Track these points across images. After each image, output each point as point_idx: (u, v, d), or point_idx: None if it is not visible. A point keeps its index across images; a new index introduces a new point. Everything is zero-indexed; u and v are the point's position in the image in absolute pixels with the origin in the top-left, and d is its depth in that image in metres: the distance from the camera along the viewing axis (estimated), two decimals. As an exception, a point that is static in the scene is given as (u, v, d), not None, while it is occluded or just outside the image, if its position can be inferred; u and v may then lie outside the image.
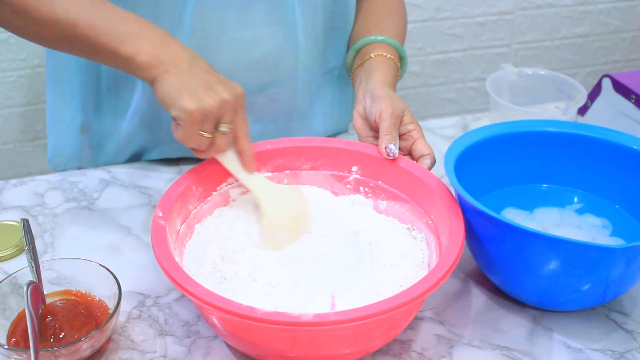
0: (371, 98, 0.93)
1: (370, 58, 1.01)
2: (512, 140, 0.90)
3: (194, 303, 0.75)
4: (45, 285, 0.80)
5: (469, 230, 0.82)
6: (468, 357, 0.78)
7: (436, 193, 0.84)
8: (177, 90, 0.79)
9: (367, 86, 0.96)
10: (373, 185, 0.92)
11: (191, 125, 0.79)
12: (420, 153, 0.89)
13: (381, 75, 0.97)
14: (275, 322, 0.67)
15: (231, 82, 0.84)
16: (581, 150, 0.90)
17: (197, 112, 0.79)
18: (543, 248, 0.75)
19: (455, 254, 0.74)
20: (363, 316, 0.67)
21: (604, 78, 1.11)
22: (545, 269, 0.76)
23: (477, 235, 0.81)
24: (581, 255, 0.74)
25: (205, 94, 0.80)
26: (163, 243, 0.76)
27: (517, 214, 0.91)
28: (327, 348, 0.73)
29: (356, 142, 0.93)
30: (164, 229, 0.78)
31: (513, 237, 0.76)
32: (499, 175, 0.92)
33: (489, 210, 0.75)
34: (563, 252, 0.74)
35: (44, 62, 1.74)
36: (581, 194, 0.93)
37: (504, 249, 0.79)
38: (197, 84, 0.80)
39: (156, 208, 0.80)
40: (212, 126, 0.81)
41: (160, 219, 0.79)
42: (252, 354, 0.76)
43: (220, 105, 0.80)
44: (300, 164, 0.93)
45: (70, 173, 1.06)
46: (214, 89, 0.81)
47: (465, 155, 0.86)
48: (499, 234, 0.78)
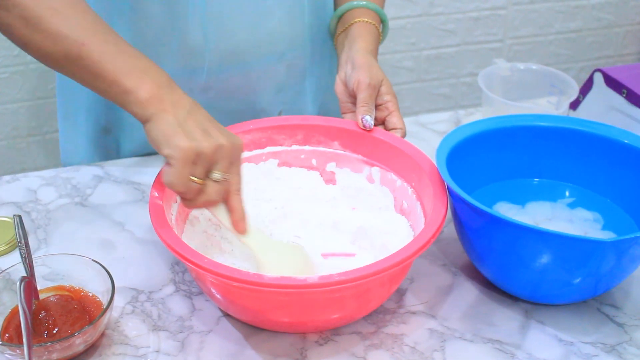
0: (352, 65, 0.95)
1: (353, 24, 1.02)
2: (503, 135, 0.91)
3: (199, 276, 0.77)
4: (38, 281, 0.80)
5: (461, 225, 0.82)
6: (460, 350, 0.79)
7: (417, 162, 0.87)
8: (172, 129, 0.77)
9: (350, 53, 0.98)
10: (357, 158, 0.95)
11: (183, 164, 0.75)
12: (393, 126, 0.93)
13: (363, 42, 0.99)
14: (282, 286, 0.70)
15: (231, 133, 0.81)
16: (573, 144, 0.91)
17: (191, 150, 0.75)
18: (534, 242, 0.75)
19: (441, 215, 0.78)
20: (364, 275, 0.71)
21: (595, 72, 1.11)
22: (537, 262, 0.76)
23: (469, 229, 0.81)
24: (572, 248, 0.74)
25: (202, 136, 0.77)
26: (163, 221, 0.77)
27: (509, 208, 0.92)
28: (331, 309, 0.76)
29: (334, 119, 0.95)
30: (162, 208, 0.79)
31: (505, 231, 0.77)
32: (491, 170, 0.93)
33: (481, 205, 0.76)
34: (554, 246, 0.75)
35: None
36: (573, 188, 0.93)
37: (496, 243, 0.79)
38: (194, 126, 0.77)
39: (151, 189, 0.82)
40: (204, 171, 0.77)
41: (157, 198, 0.80)
42: (256, 323, 0.79)
43: (215, 148, 0.77)
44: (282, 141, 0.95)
45: (64, 169, 1.06)
46: (212, 133, 0.78)
47: (457, 150, 0.86)
48: (490, 228, 0.78)
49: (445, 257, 0.91)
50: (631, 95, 1.04)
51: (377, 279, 0.72)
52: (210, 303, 0.84)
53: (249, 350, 0.78)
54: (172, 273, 0.88)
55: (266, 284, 0.70)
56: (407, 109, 2.05)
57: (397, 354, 0.78)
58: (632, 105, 1.04)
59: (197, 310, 0.83)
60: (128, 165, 1.08)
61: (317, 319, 0.78)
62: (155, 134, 0.78)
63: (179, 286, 0.86)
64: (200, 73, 1.04)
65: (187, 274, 0.88)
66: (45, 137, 1.88)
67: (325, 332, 0.80)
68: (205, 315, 0.82)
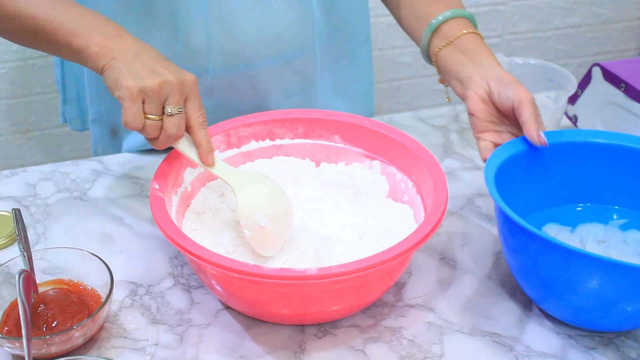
0: (499, 82, 0.89)
1: (461, 37, 0.96)
2: (552, 152, 0.89)
3: (200, 268, 0.77)
4: (37, 274, 0.80)
5: (507, 243, 0.81)
6: (458, 343, 0.79)
7: (417, 156, 0.87)
8: (120, 72, 0.81)
9: (484, 69, 0.92)
10: (357, 152, 0.95)
11: (131, 102, 0.80)
12: None
13: (491, 57, 0.94)
14: (282, 278, 0.71)
15: (182, 70, 0.84)
16: (623, 162, 0.89)
17: (136, 88, 0.80)
18: (583, 266, 0.73)
19: (441, 209, 0.78)
20: (363, 267, 0.71)
21: (594, 67, 1.11)
22: (585, 287, 0.74)
23: (515, 248, 0.80)
24: (623, 275, 0.71)
25: (147, 74, 0.81)
26: (163, 213, 0.78)
27: (559, 230, 0.90)
28: (330, 301, 0.77)
29: (335, 112, 0.96)
30: (162, 200, 0.80)
31: (553, 254, 0.74)
32: (538, 195, 0.90)
33: (530, 226, 0.74)
34: (604, 272, 0.72)
35: (35, 53, 1.75)
36: (622, 210, 0.91)
37: (543, 265, 0.77)
38: (140, 67, 0.82)
39: (152, 182, 0.82)
40: (157, 108, 0.81)
41: (158, 191, 0.81)
42: (255, 314, 0.80)
43: (160, 84, 0.80)
44: (283, 134, 0.96)
45: (62, 164, 1.06)
46: (158, 71, 0.82)
47: (504, 168, 0.85)
48: (538, 250, 0.76)
49: (444, 251, 0.91)
50: (629, 90, 1.04)
51: (375, 271, 0.72)
52: (209, 296, 0.84)
53: (248, 343, 0.78)
54: (171, 267, 0.88)
55: (265, 275, 0.70)
56: (406, 105, 2.05)
57: (395, 347, 0.78)
58: (630, 99, 1.04)
59: (196, 304, 0.83)
60: (127, 160, 1.08)
61: (316, 310, 0.78)
62: (107, 81, 0.82)
63: (177, 280, 0.86)
64: (205, 74, 1.04)
65: (185, 267, 0.88)
66: (44, 133, 1.88)
67: (323, 325, 0.80)
68: (204, 308, 0.83)
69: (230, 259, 0.72)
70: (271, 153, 0.95)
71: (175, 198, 0.85)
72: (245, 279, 0.71)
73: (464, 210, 0.99)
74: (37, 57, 1.77)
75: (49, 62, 1.78)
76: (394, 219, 0.88)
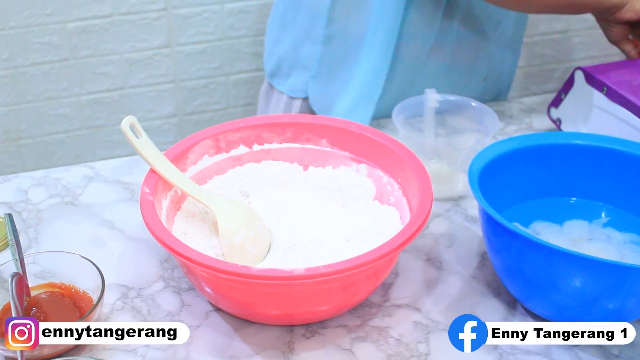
0: None
1: None
2: (538, 153, 0.91)
3: (189, 270, 0.78)
4: (30, 278, 0.81)
5: (490, 242, 0.83)
6: (444, 342, 0.80)
7: (403, 159, 0.89)
8: None
9: None
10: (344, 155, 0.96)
11: None
12: None
13: None
14: (270, 278, 0.72)
15: None
16: (608, 163, 0.90)
17: None
18: (567, 265, 0.74)
19: (426, 210, 0.80)
20: (350, 267, 0.73)
21: (576, 71, 1.13)
22: (569, 286, 0.76)
23: (497, 247, 0.82)
24: (607, 273, 0.73)
25: None
26: (153, 216, 0.79)
27: (546, 226, 0.91)
28: (318, 301, 0.78)
29: (322, 117, 0.98)
30: (152, 203, 0.81)
31: (536, 253, 0.76)
32: (526, 188, 0.92)
33: (509, 224, 0.75)
34: (588, 270, 0.73)
35: (26, 62, 1.76)
36: (609, 208, 0.93)
37: (527, 264, 0.78)
38: None
39: (142, 186, 0.83)
40: None
41: (148, 194, 0.82)
42: (245, 315, 0.81)
43: None
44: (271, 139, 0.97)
45: (54, 170, 1.08)
46: None
47: (490, 167, 0.86)
48: (521, 248, 0.78)
49: (430, 252, 0.93)
50: (611, 93, 1.06)
51: (362, 271, 0.74)
52: (200, 298, 0.85)
53: (237, 343, 0.80)
54: (161, 270, 0.89)
55: (253, 275, 0.71)
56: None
57: (382, 346, 0.80)
58: (612, 102, 1.06)
59: (187, 306, 0.84)
60: (117, 166, 1.09)
61: (304, 310, 0.79)
62: None
63: (168, 282, 0.88)
64: None
65: (176, 270, 0.89)
66: (36, 141, 1.89)
67: (312, 325, 0.82)
68: (195, 310, 0.84)
69: (219, 260, 0.74)
70: (260, 157, 0.97)
71: (165, 202, 0.87)
72: (234, 279, 0.73)
73: (450, 212, 1.00)
74: (28, 66, 1.78)
75: (41, 70, 1.79)
76: (380, 221, 0.89)
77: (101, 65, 1.83)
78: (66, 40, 1.78)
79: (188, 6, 1.83)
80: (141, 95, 1.91)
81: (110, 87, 1.87)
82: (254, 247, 0.86)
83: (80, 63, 1.82)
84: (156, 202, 0.82)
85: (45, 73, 1.80)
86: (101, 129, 1.92)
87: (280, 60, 1.34)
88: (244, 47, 1.92)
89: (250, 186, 0.95)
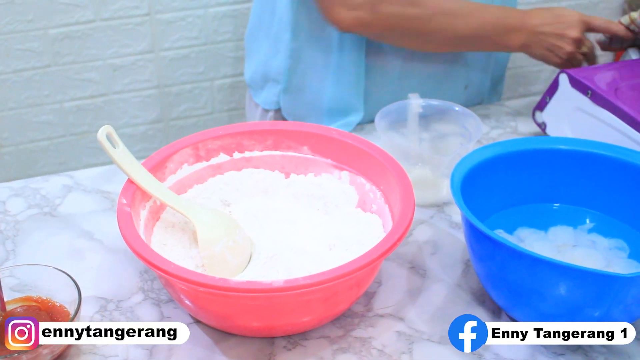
0: None
1: None
2: (522, 158, 0.90)
3: (168, 282, 0.77)
4: (5, 292, 0.79)
5: (473, 251, 0.82)
6: (428, 352, 0.79)
7: (385, 165, 0.88)
8: None
9: None
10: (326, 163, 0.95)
11: None
12: None
13: None
14: (248, 291, 0.71)
15: None
16: (592, 168, 0.90)
17: None
18: (550, 274, 0.73)
19: (408, 218, 0.79)
20: (330, 278, 0.71)
21: (561, 74, 1.12)
22: (553, 294, 0.75)
23: (480, 256, 0.81)
24: (590, 282, 0.72)
25: None
26: (131, 228, 0.78)
27: (531, 233, 0.90)
28: (299, 312, 0.77)
29: (304, 124, 0.97)
30: (130, 215, 0.80)
31: (519, 261, 0.75)
32: (510, 194, 0.92)
33: (491, 232, 0.75)
34: (572, 279, 0.73)
35: (7, 69, 1.74)
36: (593, 213, 0.92)
37: (510, 272, 0.77)
38: None
39: (119, 196, 0.82)
40: None
41: (125, 205, 0.81)
42: (225, 327, 0.80)
43: None
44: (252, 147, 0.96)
45: (33, 180, 1.06)
46: None
47: (473, 173, 0.85)
48: (504, 257, 0.77)
49: (413, 259, 0.92)
50: (595, 96, 1.05)
51: (343, 282, 0.73)
52: (179, 310, 0.84)
53: (217, 356, 0.78)
54: (141, 281, 0.88)
55: (232, 288, 0.70)
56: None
57: (365, 357, 0.78)
58: (596, 105, 1.05)
59: (166, 318, 0.83)
60: (97, 175, 1.08)
61: (285, 322, 0.78)
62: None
63: (147, 294, 0.86)
64: None
65: (155, 282, 0.88)
66: (19, 148, 1.88)
67: (293, 337, 0.81)
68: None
69: (196, 272, 0.72)
70: (240, 165, 0.96)
71: (144, 212, 0.85)
72: (212, 292, 0.71)
73: (434, 218, 0.99)
74: (10, 73, 1.76)
75: (23, 77, 1.77)
76: (363, 229, 0.88)
77: (84, 72, 1.82)
78: (48, 47, 1.76)
79: (171, 11, 1.81)
80: (125, 101, 1.89)
81: (93, 93, 1.85)
82: (234, 257, 0.84)
83: (63, 69, 1.80)
84: (134, 213, 0.81)
85: (27, 80, 1.79)
86: (85, 136, 1.91)
87: (254, 73, 1.34)
88: (228, 52, 1.91)
89: (231, 195, 0.94)
